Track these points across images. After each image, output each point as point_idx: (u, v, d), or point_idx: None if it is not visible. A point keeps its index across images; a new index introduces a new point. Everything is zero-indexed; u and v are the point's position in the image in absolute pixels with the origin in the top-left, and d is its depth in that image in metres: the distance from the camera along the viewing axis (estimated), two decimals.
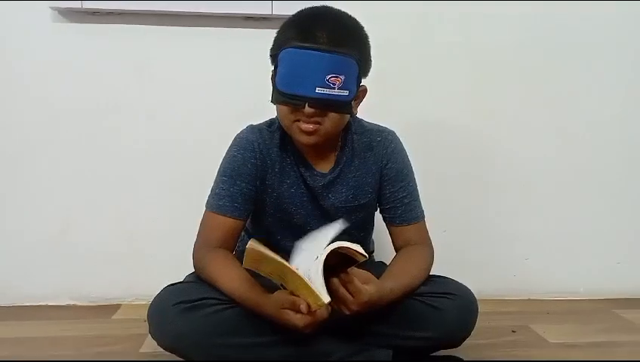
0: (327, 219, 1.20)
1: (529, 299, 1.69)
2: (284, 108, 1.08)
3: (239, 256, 1.20)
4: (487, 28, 1.60)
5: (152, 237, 1.59)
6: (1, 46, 1.50)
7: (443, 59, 1.61)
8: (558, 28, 1.62)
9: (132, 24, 1.52)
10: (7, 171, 1.54)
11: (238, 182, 1.15)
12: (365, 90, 1.14)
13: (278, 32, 1.10)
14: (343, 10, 1.10)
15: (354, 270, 0.97)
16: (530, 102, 1.65)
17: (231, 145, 1.19)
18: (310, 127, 1.07)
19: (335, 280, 0.95)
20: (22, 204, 1.55)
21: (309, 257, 0.93)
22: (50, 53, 1.51)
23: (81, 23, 1.50)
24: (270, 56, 1.11)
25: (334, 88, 1.02)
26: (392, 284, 1.05)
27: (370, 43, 1.11)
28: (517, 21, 1.60)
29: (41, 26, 1.49)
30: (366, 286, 0.96)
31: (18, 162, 1.54)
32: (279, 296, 0.99)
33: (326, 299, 0.88)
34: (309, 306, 0.92)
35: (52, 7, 1.47)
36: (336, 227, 0.96)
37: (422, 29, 1.59)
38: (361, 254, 0.91)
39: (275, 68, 1.08)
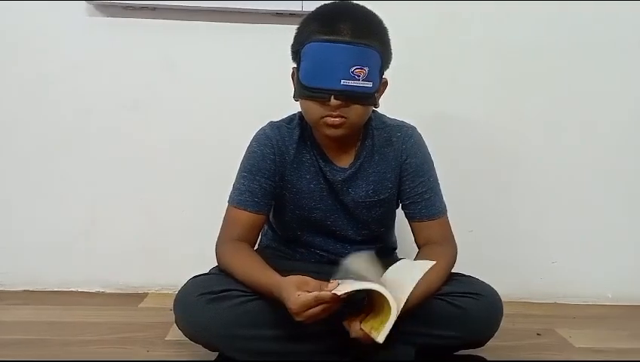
0: (346, 214, 1.21)
1: (555, 303, 1.66)
2: (311, 104, 1.08)
3: (262, 251, 1.22)
4: (511, 26, 1.59)
5: (178, 230, 1.61)
6: (36, 39, 1.54)
7: (468, 57, 1.59)
8: (582, 26, 1.59)
9: (164, 19, 1.54)
10: (40, 165, 1.58)
11: (257, 178, 1.16)
12: (386, 83, 1.14)
13: (298, 29, 1.11)
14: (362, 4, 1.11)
15: None
16: (555, 101, 1.62)
17: (251, 142, 1.21)
18: (337, 120, 1.07)
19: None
20: (53, 196, 1.59)
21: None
22: (83, 47, 1.55)
23: (115, 17, 1.54)
24: (293, 52, 1.11)
25: (359, 80, 1.03)
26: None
27: (392, 39, 1.11)
28: (540, 19, 1.58)
29: (76, 20, 1.53)
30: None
31: (50, 156, 1.58)
32: (293, 277, 0.99)
33: (379, 339, 0.90)
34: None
35: (88, 1, 1.50)
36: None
37: (446, 27, 1.58)
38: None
39: (298, 64, 1.08)
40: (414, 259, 1.17)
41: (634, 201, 1.67)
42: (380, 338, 0.89)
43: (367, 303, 0.99)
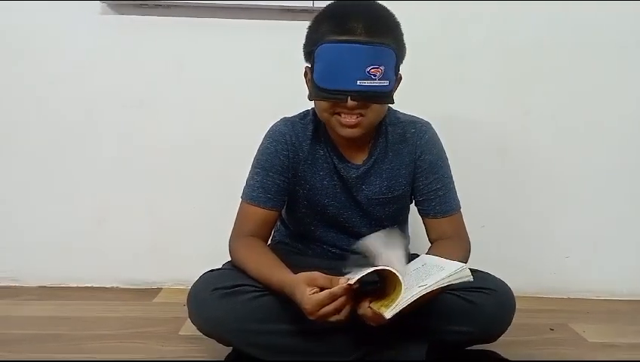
0: (360, 210, 1.21)
1: (568, 298, 1.66)
2: (324, 102, 1.08)
3: (275, 246, 1.22)
4: (515, 25, 1.58)
5: (189, 227, 1.63)
6: (46, 38, 1.55)
7: (473, 57, 1.59)
8: (588, 25, 1.58)
9: (173, 17, 1.55)
10: (52, 163, 1.60)
11: (270, 174, 1.17)
12: (401, 78, 1.13)
13: (310, 28, 1.10)
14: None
15: None
16: (561, 99, 1.61)
17: (264, 138, 1.21)
18: (353, 120, 1.06)
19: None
20: (65, 194, 1.61)
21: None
22: (94, 46, 1.56)
23: (127, 15, 1.54)
24: (306, 52, 1.11)
25: (375, 79, 1.02)
26: None
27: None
28: (545, 18, 1.57)
29: (88, 19, 1.54)
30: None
31: (61, 154, 1.60)
32: (301, 274, 0.98)
33: (387, 315, 0.89)
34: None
35: (102, 0, 1.51)
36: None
37: (450, 26, 1.58)
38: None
39: (312, 65, 1.07)
40: (426, 254, 1.17)
41: None
42: (388, 314, 0.89)
43: (380, 287, 0.99)
